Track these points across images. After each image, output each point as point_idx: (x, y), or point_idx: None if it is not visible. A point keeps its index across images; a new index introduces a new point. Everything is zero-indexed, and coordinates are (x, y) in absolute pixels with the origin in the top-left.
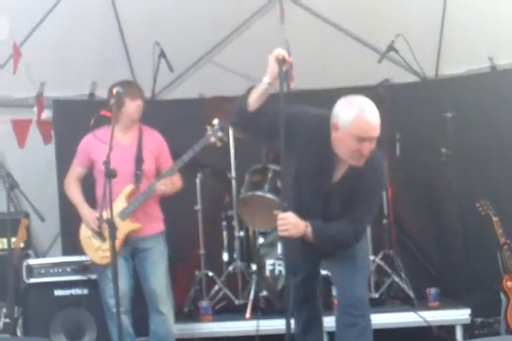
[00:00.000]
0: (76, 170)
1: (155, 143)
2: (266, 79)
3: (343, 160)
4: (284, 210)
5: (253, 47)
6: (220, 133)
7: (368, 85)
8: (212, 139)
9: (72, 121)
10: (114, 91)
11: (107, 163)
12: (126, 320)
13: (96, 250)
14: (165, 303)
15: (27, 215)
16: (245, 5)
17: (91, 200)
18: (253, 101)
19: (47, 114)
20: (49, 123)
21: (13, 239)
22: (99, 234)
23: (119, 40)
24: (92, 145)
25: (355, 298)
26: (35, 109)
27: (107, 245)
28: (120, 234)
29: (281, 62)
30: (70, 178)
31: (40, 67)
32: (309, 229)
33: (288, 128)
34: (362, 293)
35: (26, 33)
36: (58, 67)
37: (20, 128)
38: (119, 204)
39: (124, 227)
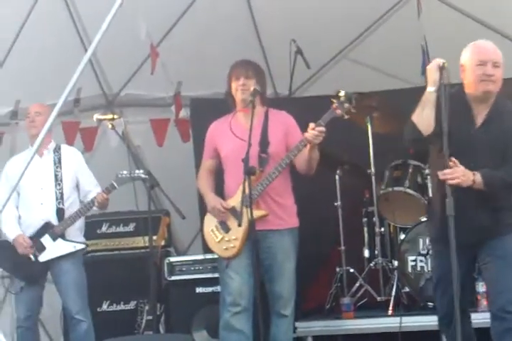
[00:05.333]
0: (206, 163)
1: (281, 122)
2: (430, 88)
3: (477, 98)
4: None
5: (389, 43)
6: (347, 105)
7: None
8: (339, 111)
9: (209, 119)
10: (252, 88)
11: (245, 160)
12: (240, 321)
13: (219, 242)
14: (289, 306)
15: (167, 213)
16: (381, 0)
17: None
18: (422, 116)
19: (185, 113)
20: (187, 122)
21: (154, 237)
22: (223, 225)
23: (255, 37)
24: (215, 134)
25: (506, 300)
26: (173, 108)
27: (230, 235)
28: (244, 223)
29: (442, 69)
30: (200, 172)
31: (177, 66)
32: (478, 176)
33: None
34: None
35: (163, 34)
36: (194, 66)
37: (159, 127)
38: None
39: (247, 215)
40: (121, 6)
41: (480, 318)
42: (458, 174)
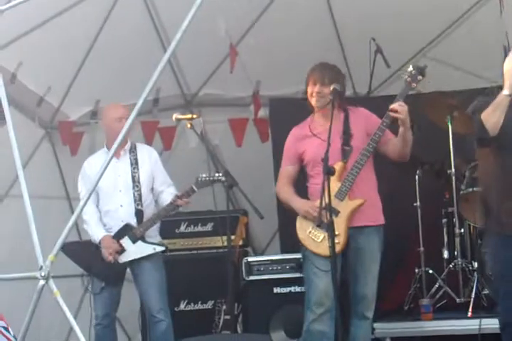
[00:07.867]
0: (285, 170)
1: (361, 117)
2: (505, 92)
3: None
4: None
5: (471, 41)
6: (420, 77)
7: None
8: (414, 85)
9: (288, 119)
10: (331, 88)
11: (325, 160)
12: (323, 322)
13: (322, 241)
14: (372, 308)
15: (246, 213)
16: None
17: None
18: (492, 116)
19: (263, 113)
20: (266, 122)
21: (233, 237)
22: (321, 224)
23: (334, 36)
24: (297, 140)
25: None
26: (252, 107)
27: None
28: (343, 216)
29: None
30: (279, 181)
31: (256, 65)
32: None
33: None
34: None
35: (242, 33)
36: (273, 66)
37: (238, 127)
38: (333, 185)
39: (345, 207)
40: (200, 6)
41: None
42: None
